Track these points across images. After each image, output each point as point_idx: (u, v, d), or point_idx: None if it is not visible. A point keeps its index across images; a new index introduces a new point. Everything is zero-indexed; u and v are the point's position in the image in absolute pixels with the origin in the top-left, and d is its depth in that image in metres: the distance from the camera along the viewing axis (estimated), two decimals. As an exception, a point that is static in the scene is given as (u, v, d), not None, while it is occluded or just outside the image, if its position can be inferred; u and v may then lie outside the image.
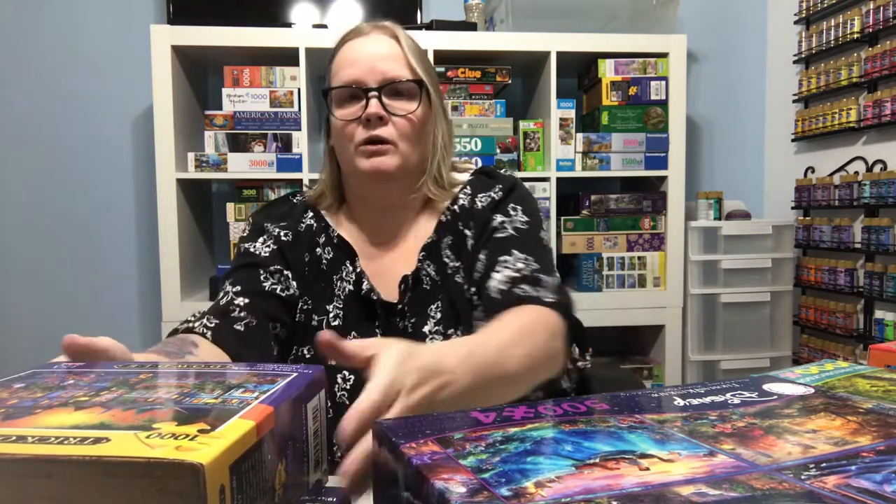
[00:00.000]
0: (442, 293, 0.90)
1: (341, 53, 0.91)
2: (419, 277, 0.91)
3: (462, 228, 0.92)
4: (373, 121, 0.86)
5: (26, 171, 2.13)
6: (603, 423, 0.40)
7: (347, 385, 0.86)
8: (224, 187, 2.17)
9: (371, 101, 0.86)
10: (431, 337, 0.89)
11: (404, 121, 0.88)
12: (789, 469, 0.32)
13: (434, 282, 0.91)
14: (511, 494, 0.29)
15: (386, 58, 0.88)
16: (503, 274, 0.84)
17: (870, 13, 1.88)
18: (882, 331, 1.85)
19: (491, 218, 0.91)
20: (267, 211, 0.98)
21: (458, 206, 0.93)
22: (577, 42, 1.93)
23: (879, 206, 1.87)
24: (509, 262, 0.85)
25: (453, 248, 0.92)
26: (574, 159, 1.95)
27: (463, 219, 0.93)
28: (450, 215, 0.93)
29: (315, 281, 0.92)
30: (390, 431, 0.38)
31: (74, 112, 2.13)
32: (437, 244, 0.92)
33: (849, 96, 1.99)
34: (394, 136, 0.87)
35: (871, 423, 0.39)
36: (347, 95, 0.88)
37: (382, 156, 0.87)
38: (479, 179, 0.97)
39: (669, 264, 2.00)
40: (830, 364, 0.57)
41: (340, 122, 0.88)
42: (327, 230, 0.94)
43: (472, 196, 0.94)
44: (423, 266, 0.91)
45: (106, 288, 2.17)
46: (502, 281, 0.83)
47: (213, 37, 1.79)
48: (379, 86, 0.87)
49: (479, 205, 0.93)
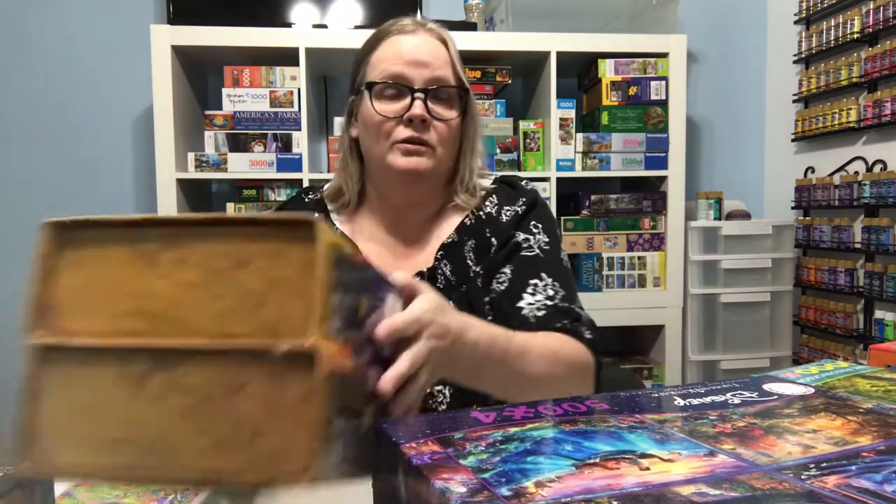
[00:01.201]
0: (456, 293, 0.90)
1: (385, 46, 0.90)
2: (434, 276, 0.91)
3: (489, 236, 0.93)
4: (415, 122, 0.85)
5: (26, 171, 2.13)
6: (603, 422, 0.40)
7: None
8: (224, 187, 2.17)
9: (416, 102, 0.85)
10: None
11: (444, 126, 0.87)
12: (789, 469, 0.32)
13: (448, 282, 0.91)
14: (511, 494, 0.29)
15: (434, 58, 0.88)
16: (536, 298, 0.86)
17: (870, 13, 1.88)
18: (882, 331, 1.85)
19: (514, 233, 0.91)
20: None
21: (483, 213, 0.94)
22: (577, 42, 1.92)
23: (879, 206, 1.87)
24: (539, 287, 0.87)
25: (476, 252, 0.92)
26: (574, 159, 1.95)
27: (490, 226, 0.93)
28: (474, 219, 0.93)
29: None
30: (391, 431, 0.39)
31: (74, 112, 2.13)
32: (459, 245, 0.92)
33: (849, 96, 1.99)
34: (433, 141, 0.87)
35: (872, 423, 0.39)
36: (390, 91, 0.87)
37: (419, 156, 0.86)
38: (503, 190, 0.97)
39: (669, 264, 2.00)
40: (830, 364, 0.57)
41: (379, 117, 0.86)
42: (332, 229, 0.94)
43: (499, 206, 0.95)
44: (439, 265, 0.91)
45: (106, 288, 2.17)
46: (538, 307, 0.85)
47: (213, 37, 1.79)
48: (425, 87, 0.86)
49: (504, 217, 0.93)
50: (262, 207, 1.86)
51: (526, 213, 0.93)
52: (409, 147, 0.86)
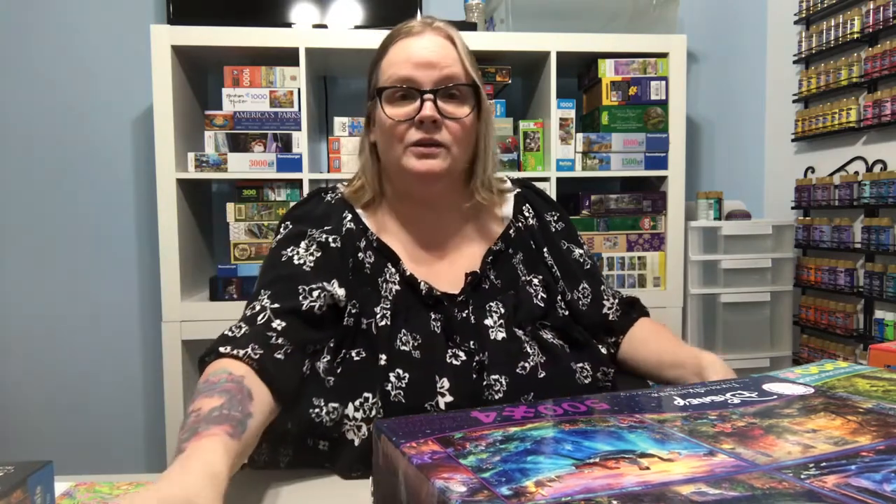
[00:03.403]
0: (502, 295, 0.93)
1: (393, 51, 0.91)
2: (480, 279, 0.93)
3: (536, 247, 1.00)
4: (426, 123, 0.86)
5: (26, 171, 2.13)
6: (603, 422, 0.40)
7: (402, 383, 0.83)
8: (224, 187, 2.17)
9: (426, 104, 0.86)
10: (494, 329, 0.89)
11: (457, 125, 0.88)
12: (789, 468, 0.32)
13: (494, 286, 0.94)
14: (511, 493, 0.30)
15: (441, 58, 0.88)
16: (611, 302, 1.04)
17: (870, 13, 1.88)
18: (882, 331, 1.85)
19: (570, 248, 1.04)
20: (305, 212, 0.96)
21: (523, 225, 1.01)
22: (577, 42, 1.93)
23: (879, 206, 1.87)
24: (607, 293, 1.04)
25: (527, 263, 0.98)
26: (574, 159, 1.96)
27: (535, 237, 1.01)
28: (517, 231, 1.00)
29: (360, 286, 0.90)
30: (390, 431, 0.39)
31: (74, 112, 2.13)
32: (507, 255, 0.97)
33: (849, 96, 1.99)
34: (447, 140, 0.87)
35: (871, 423, 0.39)
36: (400, 94, 0.88)
37: (434, 158, 0.87)
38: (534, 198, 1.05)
39: (669, 264, 2.00)
40: (830, 364, 0.57)
41: (390, 121, 0.87)
42: (366, 233, 0.93)
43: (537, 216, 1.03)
44: (486, 270, 0.94)
45: (106, 288, 2.18)
46: (615, 310, 1.04)
47: (213, 37, 1.79)
48: (434, 87, 0.86)
49: (554, 227, 1.04)
50: (262, 207, 1.86)
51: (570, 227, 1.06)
52: (423, 150, 0.86)
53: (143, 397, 2.22)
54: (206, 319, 1.78)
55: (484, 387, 0.85)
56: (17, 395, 2.16)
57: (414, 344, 0.87)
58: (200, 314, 1.80)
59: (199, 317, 1.80)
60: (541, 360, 0.88)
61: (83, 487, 0.69)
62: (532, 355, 0.88)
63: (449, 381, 0.84)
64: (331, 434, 0.82)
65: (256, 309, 0.84)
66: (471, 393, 0.84)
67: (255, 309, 0.84)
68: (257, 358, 0.76)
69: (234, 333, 0.80)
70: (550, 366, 0.88)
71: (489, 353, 0.87)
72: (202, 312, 1.80)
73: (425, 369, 0.85)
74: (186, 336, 1.80)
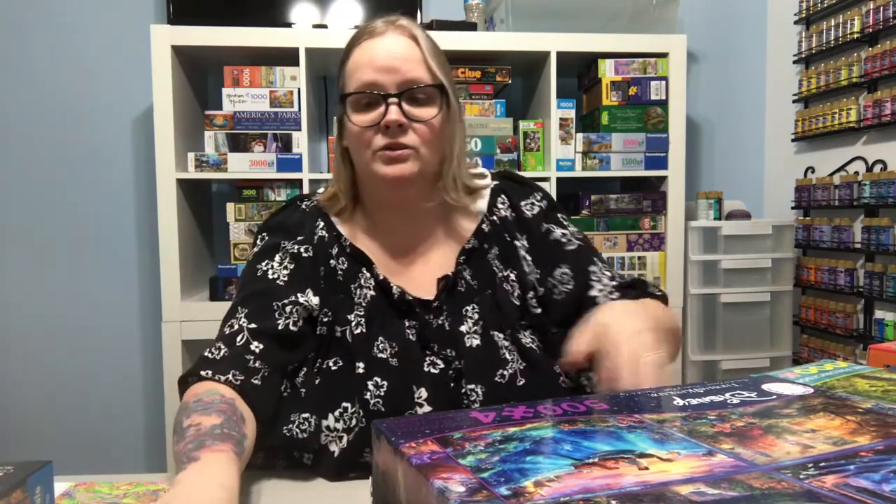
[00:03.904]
0: (479, 297, 0.90)
1: (356, 54, 0.88)
2: (455, 280, 0.90)
3: (510, 239, 0.93)
4: (392, 128, 0.83)
5: (26, 171, 2.13)
6: (602, 422, 0.40)
7: (381, 392, 0.83)
8: (224, 187, 2.17)
9: (391, 108, 0.83)
10: (469, 336, 0.87)
11: (424, 127, 0.85)
12: (788, 468, 0.32)
13: (470, 286, 0.90)
14: (510, 493, 0.30)
15: (405, 60, 0.85)
16: (603, 284, 0.92)
17: (870, 13, 1.88)
18: (882, 331, 1.85)
19: (548, 229, 0.95)
20: (278, 223, 0.94)
21: (497, 217, 0.94)
22: (577, 42, 1.93)
23: (879, 206, 1.87)
24: (597, 274, 0.92)
25: (503, 258, 0.93)
26: (574, 159, 1.96)
27: (509, 229, 0.94)
28: (490, 225, 0.94)
29: (333, 293, 0.89)
30: (390, 431, 0.39)
31: (74, 112, 2.13)
32: (481, 252, 0.92)
33: (849, 96, 1.99)
34: (415, 143, 0.85)
35: (870, 423, 0.39)
36: (364, 100, 0.85)
37: (403, 162, 0.84)
38: (510, 187, 0.98)
39: (669, 264, 2.00)
40: (830, 364, 0.57)
41: (357, 128, 0.85)
42: (339, 239, 0.92)
43: (510, 205, 0.95)
44: (460, 270, 0.91)
45: (106, 288, 2.18)
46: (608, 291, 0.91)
47: (213, 37, 1.79)
48: (398, 91, 0.84)
49: (528, 213, 0.95)
50: (262, 207, 1.86)
51: (550, 208, 0.97)
52: (391, 154, 0.84)
53: (143, 397, 2.22)
54: (206, 319, 1.78)
55: (462, 395, 0.84)
56: (17, 395, 2.16)
57: (391, 351, 0.86)
58: (200, 314, 1.80)
59: (199, 317, 1.80)
60: (520, 367, 0.86)
61: (83, 487, 0.69)
62: (511, 362, 0.86)
63: (427, 390, 0.84)
64: (311, 446, 0.82)
65: (234, 328, 0.84)
66: (449, 402, 0.83)
67: (233, 328, 0.84)
68: (238, 384, 0.77)
69: (214, 356, 0.80)
70: (530, 373, 0.86)
71: (465, 360, 0.85)
72: (202, 312, 1.80)
73: (403, 378, 0.84)
74: (186, 336, 1.80)
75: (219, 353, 0.81)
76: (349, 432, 0.82)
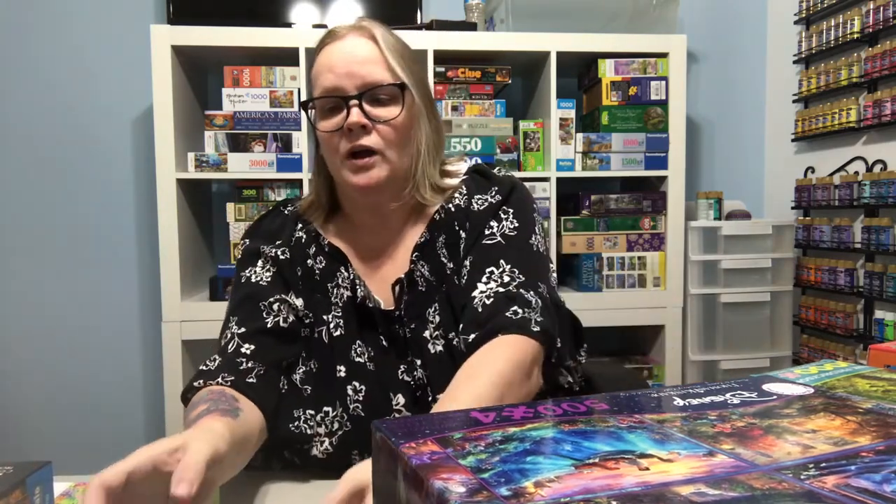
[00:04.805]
0: (439, 294, 0.88)
1: (320, 58, 0.87)
2: (413, 279, 0.88)
3: (458, 229, 0.90)
4: (355, 130, 0.82)
5: (26, 171, 2.13)
6: (602, 422, 0.40)
7: (360, 396, 0.84)
8: (224, 187, 2.17)
9: (352, 111, 0.82)
10: (433, 342, 0.86)
11: (388, 128, 0.84)
12: (789, 469, 0.32)
13: (429, 282, 0.88)
14: (510, 494, 0.29)
15: (364, 61, 0.84)
16: (489, 287, 0.82)
17: (870, 13, 1.88)
18: (882, 331, 1.85)
19: (489, 224, 0.89)
20: (259, 230, 0.95)
21: (452, 206, 0.91)
22: (577, 42, 1.92)
23: (879, 206, 1.87)
24: (495, 275, 0.84)
25: (448, 247, 0.89)
26: (574, 159, 1.95)
27: (458, 219, 0.90)
28: (443, 213, 0.91)
29: (311, 293, 0.89)
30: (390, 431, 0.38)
31: (74, 112, 2.13)
32: (431, 243, 0.90)
33: (849, 96, 1.99)
34: (379, 145, 0.84)
35: (871, 423, 0.39)
36: (328, 105, 0.85)
37: (370, 170, 0.84)
38: (474, 180, 0.94)
39: (669, 264, 2.00)
40: (830, 364, 0.57)
41: (324, 133, 0.85)
42: (318, 239, 0.91)
43: (468, 196, 0.91)
44: (416, 267, 0.88)
45: (106, 288, 2.17)
46: (488, 294, 0.81)
47: (213, 37, 1.79)
48: (358, 93, 0.83)
49: (475, 207, 0.90)
50: (262, 207, 1.86)
51: (501, 202, 0.90)
52: (357, 162, 0.83)
53: (143, 397, 2.21)
54: (206, 319, 1.78)
55: (430, 403, 0.84)
56: (17, 395, 2.16)
57: (368, 355, 0.86)
58: (200, 314, 1.80)
59: (199, 317, 1.80)
60: None
61: (82, 487, 0.69)
62: None
63: (403, 396, 0.84)
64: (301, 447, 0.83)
65: (227, 337, 0.85)
66: (426, 409, 0.83)
67: (226, 338, 0.85)
68: (229, 385, 0.78)
69: (209, 367, 0.82)
70: None
71: (430, 368, 0.85)
72: (202, 312, 1.80)
73: (380, 384, 0.85)
74: (186, 336, 1.80)
75: (213, 364, 0.82)
76: (331, 436, 0.83)
